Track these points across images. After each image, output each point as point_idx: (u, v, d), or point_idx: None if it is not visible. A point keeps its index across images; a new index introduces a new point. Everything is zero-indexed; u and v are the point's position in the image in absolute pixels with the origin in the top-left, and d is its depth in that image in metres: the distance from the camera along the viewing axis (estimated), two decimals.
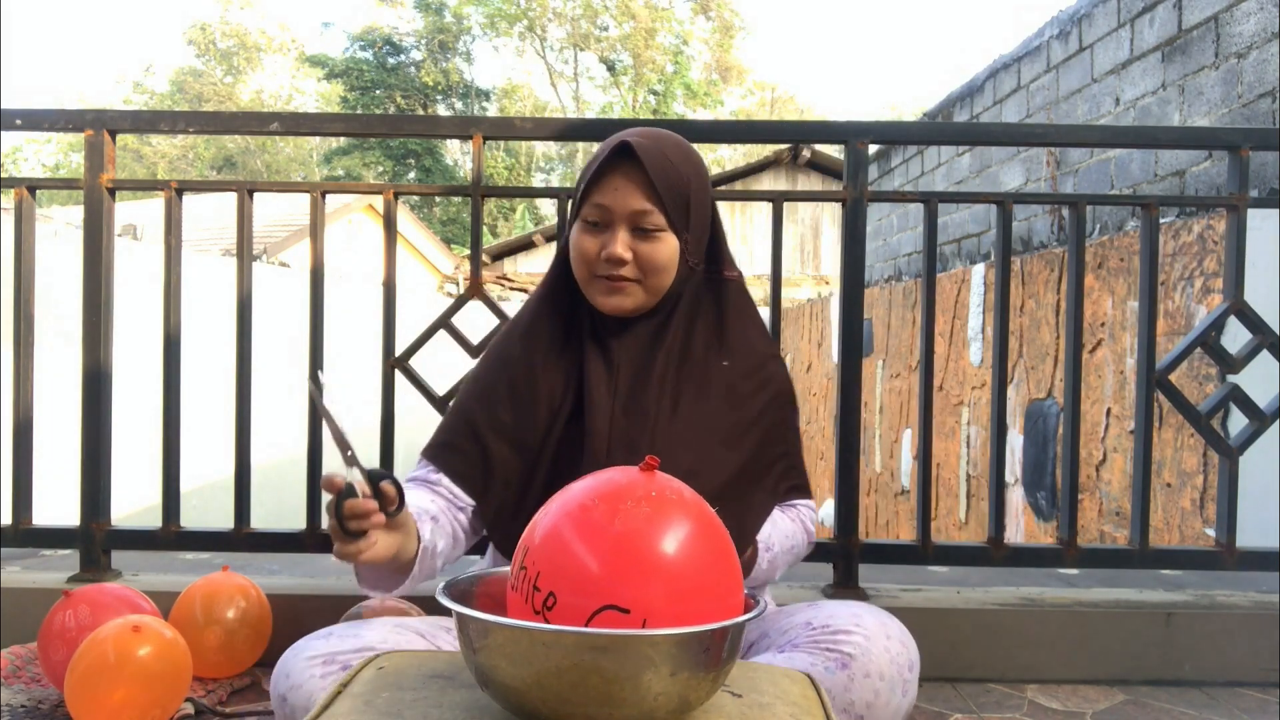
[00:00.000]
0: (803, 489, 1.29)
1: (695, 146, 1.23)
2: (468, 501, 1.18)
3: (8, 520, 1.87)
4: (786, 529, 1.25)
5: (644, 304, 1.15)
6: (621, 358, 1.16)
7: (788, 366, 1.33)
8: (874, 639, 1.04)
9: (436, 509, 1.14)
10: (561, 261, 1.21)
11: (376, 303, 1.94)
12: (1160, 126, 3.20)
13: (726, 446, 1.17)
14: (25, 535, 1.86)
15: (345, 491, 0.89)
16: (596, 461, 1.11)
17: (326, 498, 0.91)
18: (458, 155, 25.24)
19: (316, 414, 1.05)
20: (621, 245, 1.10)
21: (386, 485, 0.93)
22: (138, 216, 8.40)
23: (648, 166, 1.09)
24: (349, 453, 0.92)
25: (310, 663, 1.02)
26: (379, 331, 1.86)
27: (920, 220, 3.92)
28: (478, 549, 1.88)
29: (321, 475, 0.94)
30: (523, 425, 1.17)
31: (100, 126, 1.83)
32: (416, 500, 1.13)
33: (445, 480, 1.17)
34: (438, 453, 1.19)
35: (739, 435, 1.19)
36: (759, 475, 1.22)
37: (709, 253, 1.20)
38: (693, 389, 1.17)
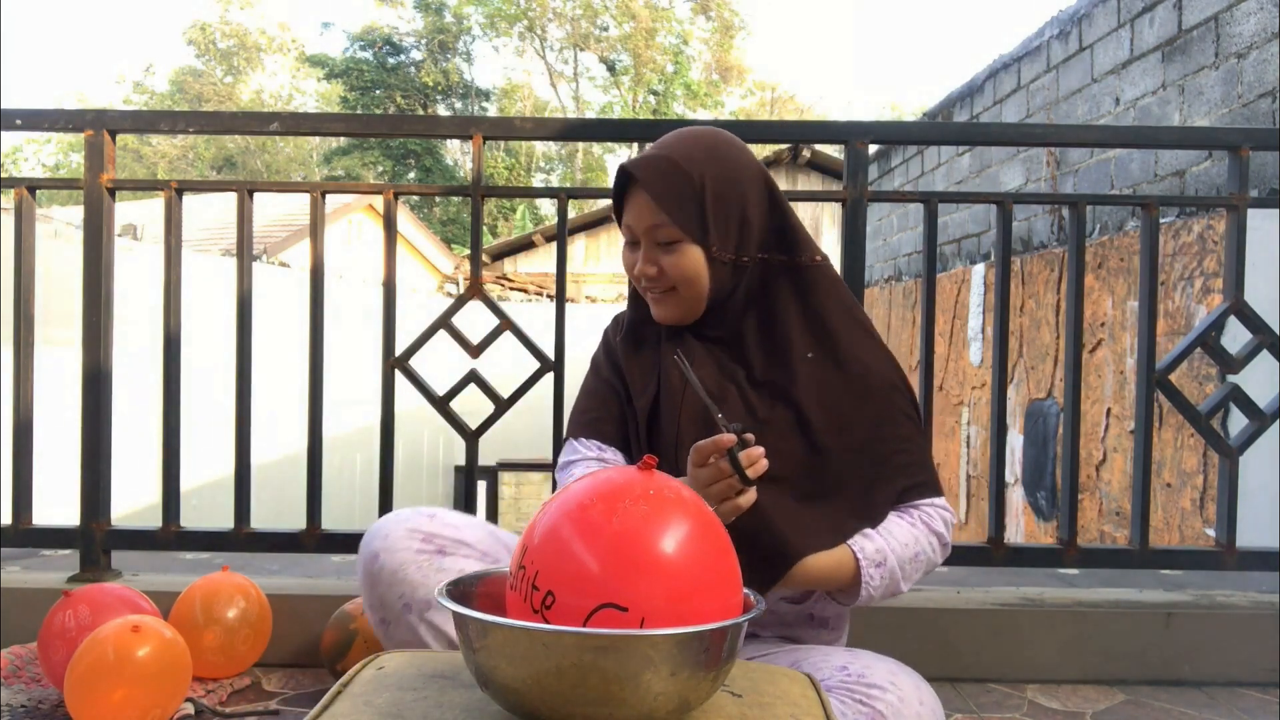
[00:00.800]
0: (928, 486, 1.16)
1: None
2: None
3: (8, 520, 1.87)
4: (903, 536, 1.12)
5: (691, 310, 1.16)
6: (696, 354, 1.17)
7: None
8: (908, 702, 1.00)
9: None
10: None
11: (376, 303, 1.94)
12: (1160, 126, 3.20)
13: (816, 444, 1.12)
14: (25, 535, 1.86)
15: (738, 445, 0.98)
16: (669, 461, 1.14)
17: (695, 465, 1.00)
18: (458, 155, 25.24)
19: (685, 382, 1.14)
20: (645, 261, 1.14)
21: (748, 436, 1.00)
22: (138, 216, 8.40)
23: (645, 186, 1.11)
24: (719, 415, 1.01)
25: (411, 535, 1.06)
26: (379, 331, 1.86)
27: (920, 220, 3.92)
28: None
29: (695, 446, 1.00)
30: (622, 418, 1.22)
31: (100, 126, 1.83)
32: None
33: (610, 451, 1.21)
34: (592, 429, 1.22)
35: (833, 431, 1.13)
36: (864, 476, 1.13)
37: (777, 241, 1.15)
38: (771, 388, 1.14)
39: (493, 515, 6.54)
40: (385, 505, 1.83)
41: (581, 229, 11.99)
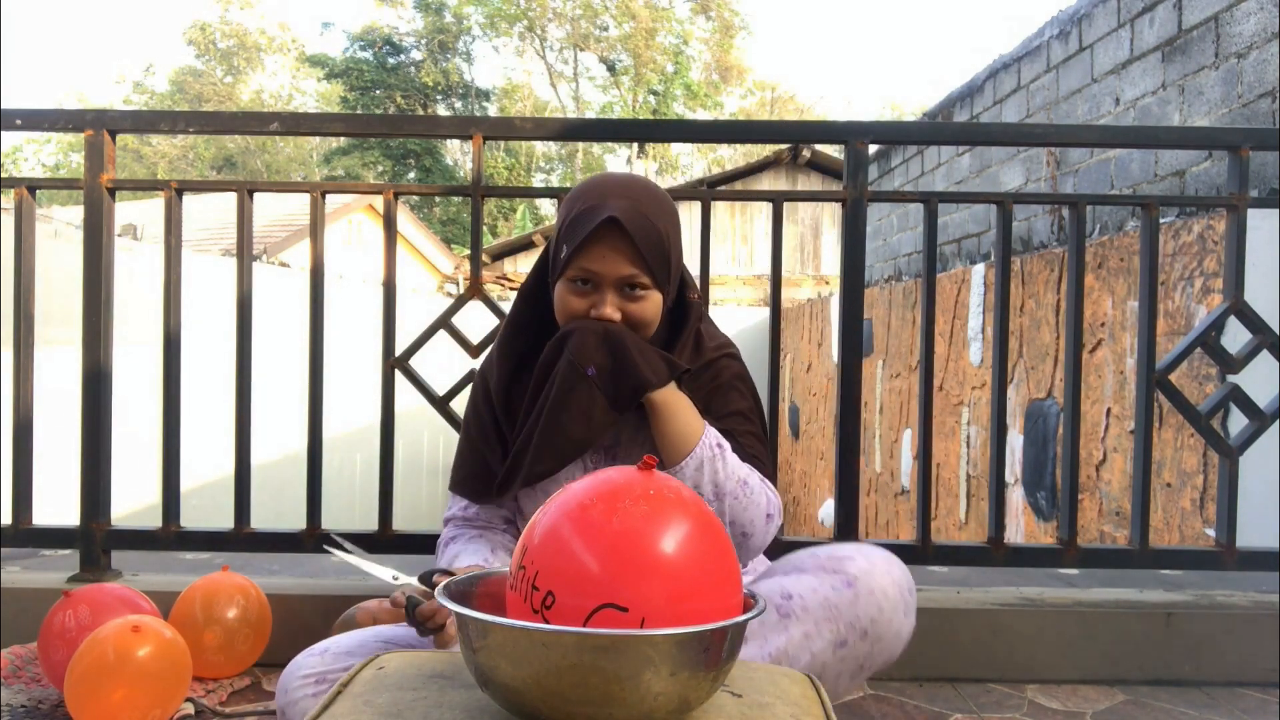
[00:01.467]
0: (771, 478, 1.24)
1: (693, 147, 1.25)
2: (504, 513, 1.29)
3: (8, 520, 1.87)
4: (744, 466, 1.19)
5: None
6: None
7: (785, 366, 1.33)
8: (876, 564, 1.12)
9: (487, 549, 1.21)
10: (531, 302, 1.26)
11: (376, 303, 1.94)
12: (1160, 126, 3.20)
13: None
14: (25, 535, 1.86)
15: (410, 603, 1.00)
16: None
17: (380, 623, 1.09)
18: (458, 155, 25.23)
19: (343, 548, 1.22)
20: (612, 308, 1.17)
21: (439, 577, 1.03)
22: (138, 216, 8.39)
23: (635, 238, 1.14)
24: (393, 576, 1.07)
25: (304, 682, 1.08)
26: (379, 331, 1.86)
27: (920, 220, 3.92)
28: None
29: (391, 596, 1.05)
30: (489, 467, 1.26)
31: (100, 126, 1.83)
32: (470, 557, 1.20)
33: (475, 508, 1.27)
34: (462, 485, 1.28)
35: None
36: None
37: (682, 282, 1.26)
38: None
39: None
40: (385, 505, 1.83)
41: None
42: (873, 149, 4.77)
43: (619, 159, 26.33)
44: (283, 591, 1.76)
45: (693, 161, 25.94)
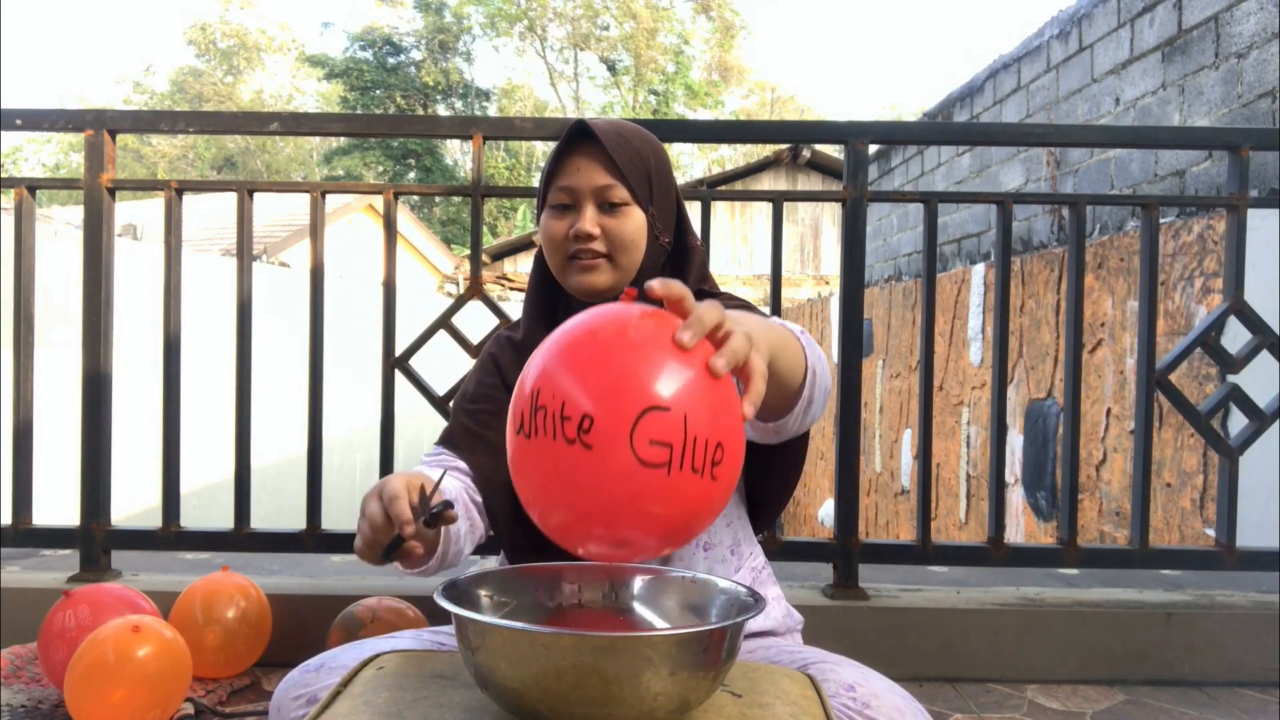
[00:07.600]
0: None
1: (693, 147, 1.23)
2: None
3: (8, 520, 1.87)
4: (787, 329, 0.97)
5: (618, 282, 1.14)
6: None
7: None
8: None
9: (455, 490, 1.10)
10: (540, 263, 1.21)
11: (376, 303, 1.94)
12: (1160, 126, 3.20)
13: None
14: (25, 535, 1.86)
15: (394, 541, 0.84)
16: None
17: (370, 521, 0.85)
18: (458, 155, 25.24)
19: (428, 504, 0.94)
20: (589, 221, 1.11)
21: (450, 513, 0.87)
22: (138, 216, 8.40)
23: (606, 143, 1.11)
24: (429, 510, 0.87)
25: (295, 702, 1.05)
26: (379, 331, 1.86)
27: (920, 220, 3.92)
28: (490, 549, 1.88)
29: (395, 504, 0.84)
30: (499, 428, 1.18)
31: (100, 126, 1.83)
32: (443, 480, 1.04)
33: (464, 465, 1.15)
34: (459, 439, 1.16)
35: None
36: None
37: (680, 227, 1.20)
38: None
39: None
40: None
41: None
42: (873, 149, 4.79)
43: None
44: (283, 591, 1.76)
45: (693, 161, 25.96)
